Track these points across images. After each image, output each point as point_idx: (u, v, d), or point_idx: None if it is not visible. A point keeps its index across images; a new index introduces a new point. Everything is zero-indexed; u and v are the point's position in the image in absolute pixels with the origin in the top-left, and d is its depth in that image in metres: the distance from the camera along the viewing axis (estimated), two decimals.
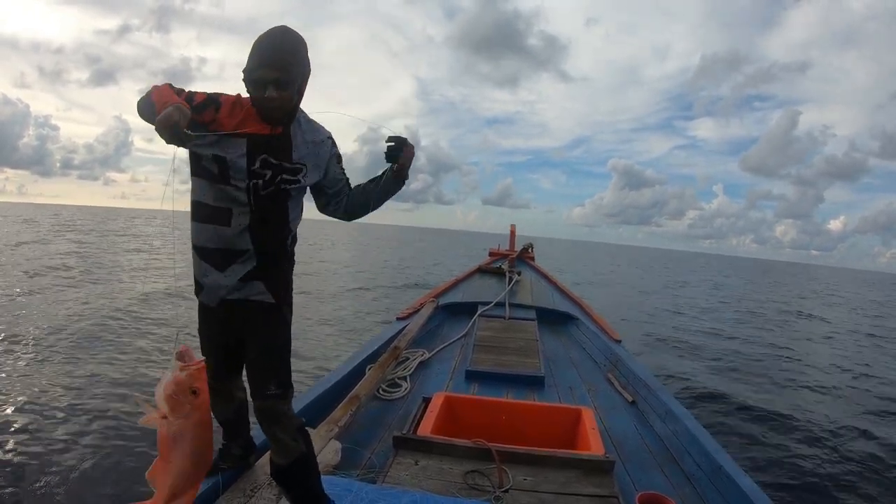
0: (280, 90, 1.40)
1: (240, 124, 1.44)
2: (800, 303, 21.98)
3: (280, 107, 1.44)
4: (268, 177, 1.46)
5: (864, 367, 8.78)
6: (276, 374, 1.53)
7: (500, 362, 3.57)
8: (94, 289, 10.52)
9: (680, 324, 12.08)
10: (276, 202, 1.50)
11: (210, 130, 1.40)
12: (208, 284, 1.52)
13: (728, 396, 6.07)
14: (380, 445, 2.37)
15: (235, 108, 1.47)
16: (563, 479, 2.01)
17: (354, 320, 9.09)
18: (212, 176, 1.46)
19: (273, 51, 1.39)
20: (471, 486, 1.95)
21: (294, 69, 1.43)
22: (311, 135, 1.56)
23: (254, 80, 1.41)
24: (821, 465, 4.34)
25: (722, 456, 2.22)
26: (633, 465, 2.36)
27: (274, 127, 1.47)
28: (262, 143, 1.46)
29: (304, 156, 1.53)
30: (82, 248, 19.94)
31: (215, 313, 1.56)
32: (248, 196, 1.46)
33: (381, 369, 3.10)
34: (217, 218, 1.47)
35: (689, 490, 2.17)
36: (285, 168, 1.49)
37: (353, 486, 1.84)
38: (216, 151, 1.44)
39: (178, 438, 1.24)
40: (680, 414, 2.67)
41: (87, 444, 3.66)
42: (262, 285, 1.50)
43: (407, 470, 2.03)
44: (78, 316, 7.73)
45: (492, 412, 2.65)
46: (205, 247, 1.50)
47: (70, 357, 5.66)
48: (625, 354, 3.79)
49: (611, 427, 2.74)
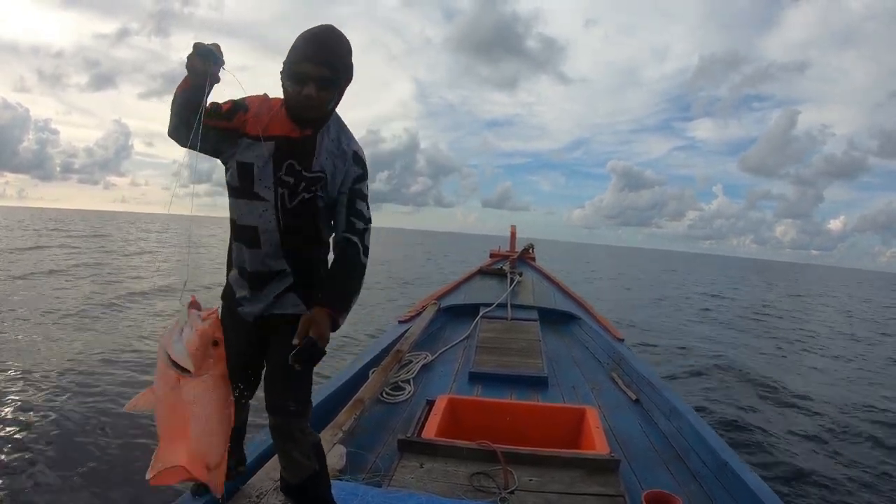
0: (320, 90, 1.31)
1: (268, 126, 1.37)
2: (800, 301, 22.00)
3: (317, 107, 1.34)
4: (291, 185, 1.37)
5: (869, 364, 8.76)
6: (298, 389, 1.45)
7: (502, 363, 3.57)
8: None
9: (679, 324, 12.08)
10: (304, 215, 1.39)
11: (241, 132, 1.36)
12: (247, 303, 1.47)
13: (732, 397, 6.07)
14: (384, 449, 2.37)
15: (262, 107, 1.40)
16: (569, 478, 2.01)
17: (355, 324, 9.09)
18: (237, 191, 1.40)
19: (322, 47, 1.30)
20: (476, 488, 1.95)
21: (341, 71, 1.35)
22: (336, 143, 1.43)
23: (295, 74, 1.31)
24: (826, 461, 4.34)
25: (727, 453, 2.22)
26: (639, 463, 2.36)
27: (303, 129, 1.38)
28: (289, 146, 1.37)
29: (325, 164, 1.40)
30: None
31: (247, 327, 1.49)
32: (276, 211, 1.37)
33: (384, 373, 3.10)
34: (248, 238, 1.41)
35: (695, 488, 2.17)
36: (305, 177, 1.38)
37: (359, 490, 1.84)
38: (242, 158, 1.37)
39: (202, 399, 1.11)
40: (684, 411, 2.67)
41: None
42: (297, 297, 1.44)
43: (412, 473, 2.03)
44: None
45: (496, 413, 2.66)
46: (241, 268, 1.46)
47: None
48: (627, 353, 3.79)
49: (615, 426, 2.74)
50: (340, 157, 1.42)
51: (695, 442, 2.42)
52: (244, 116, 1.38)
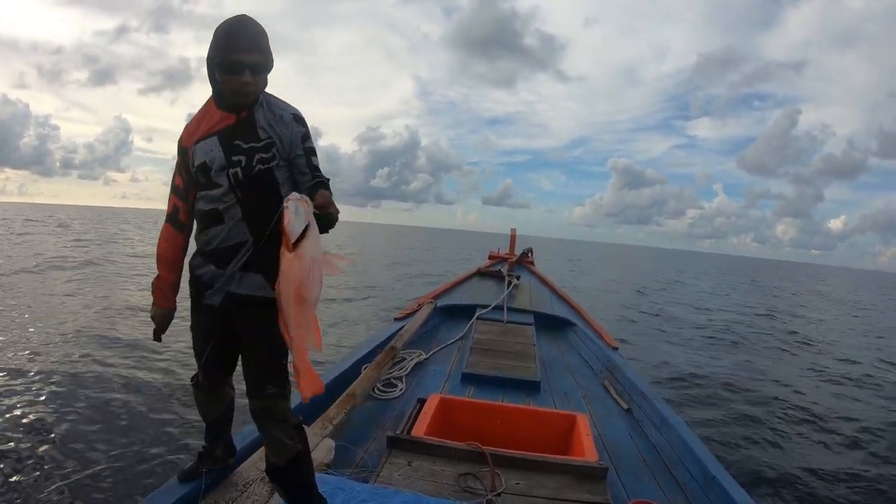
0: (255, 74, 1.42)
1: (208, 129, 1.49)
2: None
3: (253, 92, 1.45)
4: (244, 162, 1.46)
5: (864, 370, 8.74)
6: (275, 371, 1.51)
7: (496, 366, 3.56)
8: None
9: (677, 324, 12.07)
10: (261, 184, 1.48)
11: (188, 160, 1.50)
12: (214, 284, 1.52)
13: (720, 401, 6.08)
14: (373, 445, 2.37)
15: (201, 118, 1.52)
16: (556, 484, 2.00)
17: (350, 320, 9.09)
18: (201, 186, 1.51)
19: (248, 35, 1.40)
20: (463, 489, 1.94)
21: (269, 53, 1.45)
22: (272, 112, 1.52)
23: (229, 64, 1.39)
24: (815, 477, 4.33)
25: (715, 466, 2.22)
26: (627, 472, 2.36)
27: (238, 114, 1.48)
28: (231, 132, 1.47)
29: (270, 132, 1.50)
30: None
31: (215, 312, 1.54)
32: (231, 188, 1.46)
33: (377, 369, 3.10)
34: (211, 220, 1.50)
35: (681, 499, 2.17)
36: (256, 148, 1.47)
37: (346, 484, 1.84)
38: (197, 162, 1.49)
39: (314, 265, 1.24)
40: (675, 423, 2.67)
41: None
42: (262, 279, 1.48)
43: (400, 470, 2.02)
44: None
45: (487, 415, 2.65)
46: (205, 250, 1.52)
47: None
48: (621, 362, 3.79)
49: (605, 434, 2.74)
50: (280, 123, 1.51)
51: (683, 454, 2.42)
52: (188, 151, 1.51)
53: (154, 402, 4.48)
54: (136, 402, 4.43)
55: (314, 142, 1.58)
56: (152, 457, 3.49)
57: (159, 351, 5.75)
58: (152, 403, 4.43)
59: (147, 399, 4.53)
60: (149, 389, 4.76)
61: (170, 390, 4.74)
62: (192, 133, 1.53)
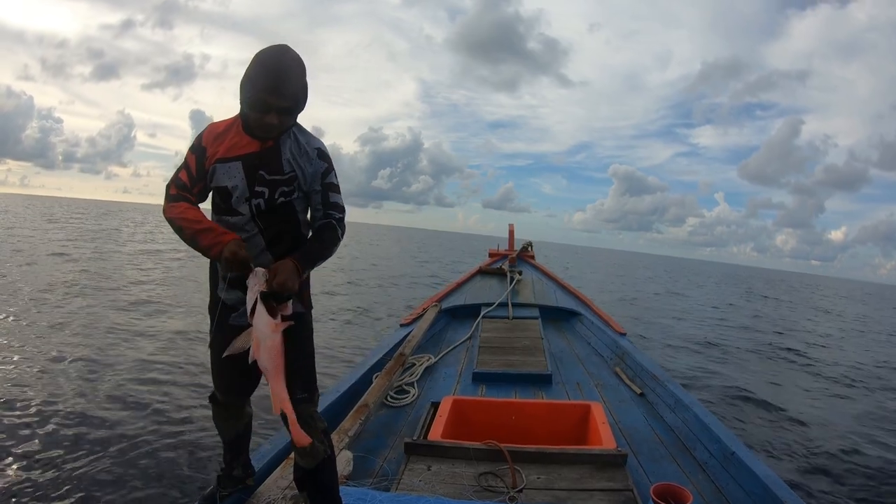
0: (282, 117, 1.41)
1: (231, 148, 1.46)
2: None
3: (277, 130, 1.45)
4: (266, 195, 1.46)
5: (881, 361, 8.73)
6: (303, 377, 1.54)
7: (506, 362, 3.57)
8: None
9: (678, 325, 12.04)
10: (282, 216, 1.49)
11: (206, 169, 1.46)
12: (240, 308, 1.49)
13: (737, 387, 6.06)
14: (391, 453, 2.37)
15: (224, 133, 1.48)
16: (577, 475, 2.01)
17: (357, 326, 9.08)
18: (219, 209, 1.49)
19: (281, 79, 1.37)
20: (485, 488, 1.94)
21: (301, 100, 1.44)
22: (297, 145, 1.52)
23: (258, 102, 1.38)
24: (833, 447, 4.33)
25: (734, 442, 2.22)
26: (646, 456, 2.36)
27: (264, 143, 1.47)
28: (256, 160, 1.46)
29: (294, 165, 1.50)
30: None
31: (240, 332, 1.50)
32: (253, 218, 1.47)
33: (387, 376, 3.09)
34: None
35: (702, 478, 2.17)
36: (279, 181, 1.47)
37: (368, 494, 1.84)
38: (218, 183, 1.46)
39: (263, 339, 1.32)
40: (689, 403, 2.67)
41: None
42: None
43: (420, 476, 2.02)
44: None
45: (501, 413, 2.65)
46: (231, 277, 1.50)
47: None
48: (630, 347, 3.79)
49: (621, 420, 2.74)
50: (305, 157, 1.51)
51: (701, 433, 2.43)
52: (207, 155, 1.47)
53: (166, 424, 4.46)
54: (148, 424, 4.41)
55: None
56: (170, 481, 3.48)
57: (172, 371, 5.72)
58: (166, 427, 4.41)
59: (159, 421, 4.51)
60: (161, 411, 4.74)
61: (187, 412, 4.73)
62: (217, 137, 1.49)
